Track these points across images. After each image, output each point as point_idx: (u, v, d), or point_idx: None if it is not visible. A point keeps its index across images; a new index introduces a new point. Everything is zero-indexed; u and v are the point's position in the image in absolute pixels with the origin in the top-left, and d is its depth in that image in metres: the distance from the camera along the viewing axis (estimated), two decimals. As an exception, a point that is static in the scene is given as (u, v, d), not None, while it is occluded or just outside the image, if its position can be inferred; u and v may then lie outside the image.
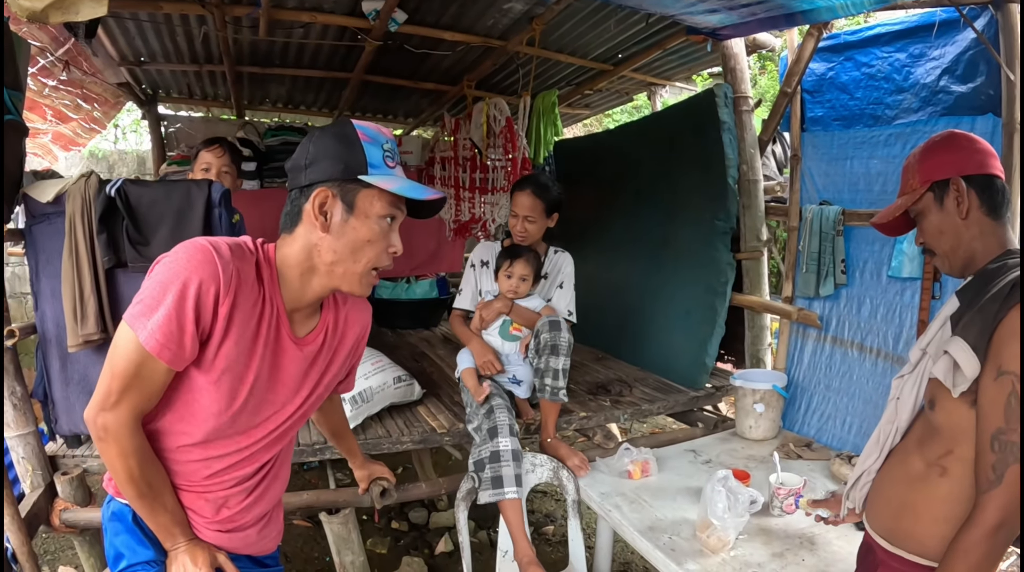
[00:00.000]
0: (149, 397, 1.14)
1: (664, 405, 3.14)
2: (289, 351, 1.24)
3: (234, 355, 1.15)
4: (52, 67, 3.55)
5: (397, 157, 1.22)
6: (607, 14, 3.39)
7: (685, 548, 1.97)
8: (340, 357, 1.38)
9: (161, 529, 1.24)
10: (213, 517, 1.29)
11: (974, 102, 2.38)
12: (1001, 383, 1.09)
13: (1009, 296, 1.11)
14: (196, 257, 1.09)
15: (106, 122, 4.90)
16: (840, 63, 2.89)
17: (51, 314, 2.54)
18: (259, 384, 1.22)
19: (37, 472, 2.44)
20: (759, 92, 7.28)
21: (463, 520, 2.36)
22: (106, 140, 7.76)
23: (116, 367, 1.11)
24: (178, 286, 1.06)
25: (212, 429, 1.20)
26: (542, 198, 2.65)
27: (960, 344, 1.16)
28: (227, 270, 1.10)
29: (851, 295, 2.82)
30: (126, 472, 1.15)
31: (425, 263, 5.06)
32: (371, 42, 3.62)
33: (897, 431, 1.36)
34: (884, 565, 1.31)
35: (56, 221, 2.49)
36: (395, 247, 1.20)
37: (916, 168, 1.35)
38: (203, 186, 2.50)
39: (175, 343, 1.08)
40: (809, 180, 2.99)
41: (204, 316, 1.09)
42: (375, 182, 1.14)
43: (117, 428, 1.12)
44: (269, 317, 1.19)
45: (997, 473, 1.08)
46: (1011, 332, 1.09)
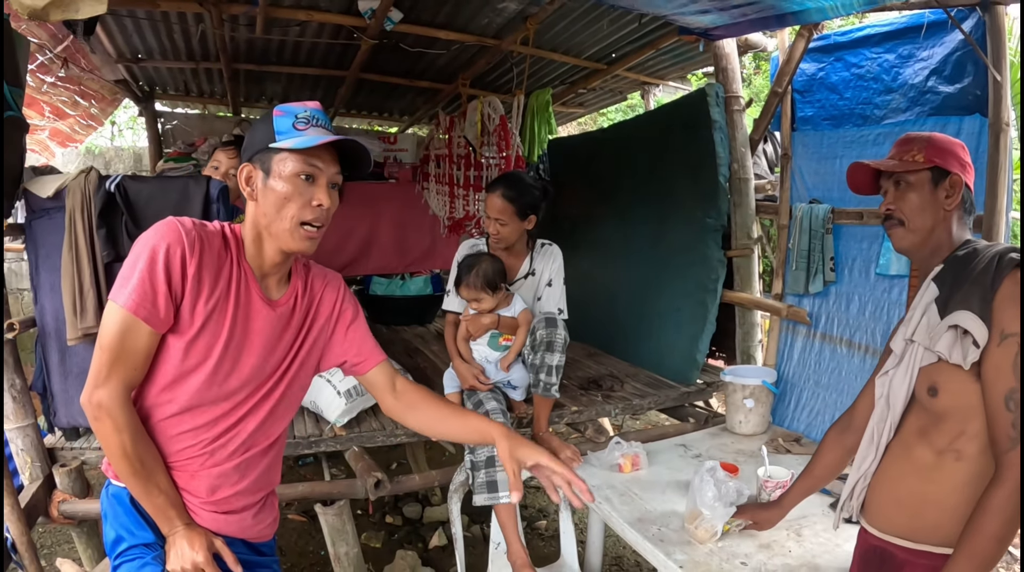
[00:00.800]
0: (136, 367, 1.22)
1: (655, 400, 3.18)
2: (262, 311, 1.33)
3: (208, 312, 1.25)
4: (50, 64, 3.57)
5: (317, 121, 1.28)
6: (600, 14, 3.43)
7: (673, 539, 2.01)
8: (319, 322, 1.45)
9: (157, 512, 1.27)
10: (207, 498, 1.32)
11: (961, 102, 2.42)
12: (1006, 345, 1.13)
13: (999, 266, 1.19)
14: (161, 228, 1.22)
15: (103, 119, 4.92)
16: (830, 63, 2.93)
17: (50, 308, 2.58)
18: (233, 341, 1.29)
19: (36, 464, 2.47)
20: (753, 92, 7.32)
21: (456, 511, 2.41)
22: (102, 137, 7.78)
23: (103, 341, 1.19)
24: (147, 253, 1.19)
25: (195, 392, 1.27)
26: (512, 201, 2.58)
27: (966, 314, 1.20)
28: (190, 235, 1.23)
29: (840, 292, 2.86)
30: (120, 448, 1.20)
31: (419, 260, 5.10)
32: (367, 40, 3.65)
33: (891, 427, 1.36)
34: (910, 565, 1.29)
35: (56, 216, 2.53)
36: (318, 200, 1.27)
37: (923, 144, 1.38)
38: (201, 182, 2.54)
39: (150, 302, 1.18)
40: (799, 179, 3.04)
41: (174, 276, 1.20)
42: (280, 145, 1.25)
43: (110, 402, 1.19)
44: (238, 279, 1.30)
45: (1017, 430, 1.10)
46: (1007, 296, 1.15)
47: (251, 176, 1.29)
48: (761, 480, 2.19)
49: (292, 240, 1.28)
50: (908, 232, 1.38)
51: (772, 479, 2.19)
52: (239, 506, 1.38)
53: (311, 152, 1.25)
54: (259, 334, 1.33)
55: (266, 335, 1.34)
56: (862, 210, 2.74)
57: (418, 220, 4.82)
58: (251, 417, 1.36)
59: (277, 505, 1.55)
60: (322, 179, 1.27)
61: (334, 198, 1.31)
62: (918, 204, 1.36)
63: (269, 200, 1.26)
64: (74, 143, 5.07)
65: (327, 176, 1.28)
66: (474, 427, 1.47)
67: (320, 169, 1.27)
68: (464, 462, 2.44)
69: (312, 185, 1.27)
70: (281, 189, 1.25)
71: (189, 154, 4.65)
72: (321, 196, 1.27)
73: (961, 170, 1.36)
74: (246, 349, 1.32)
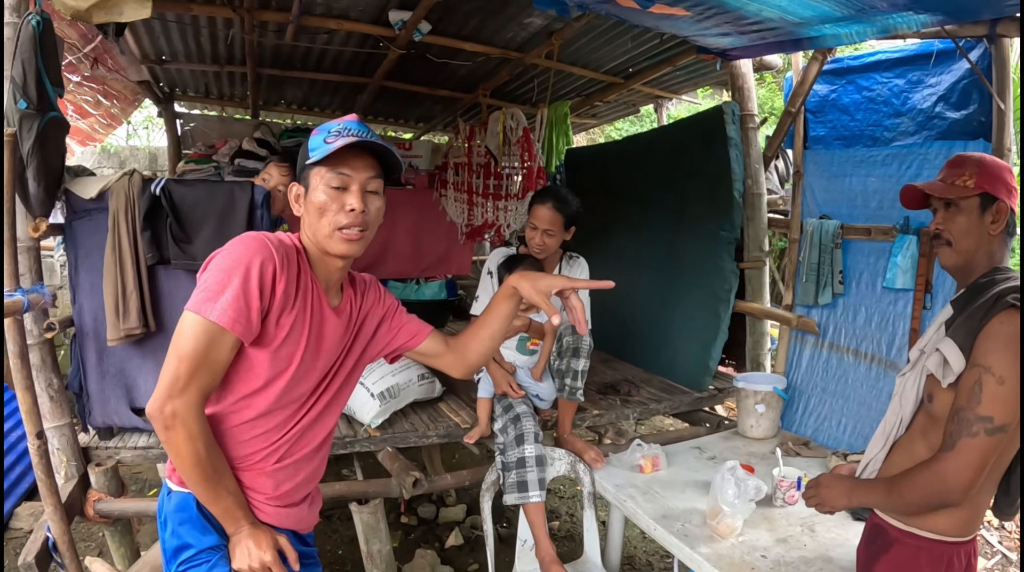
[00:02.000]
0: (215, 376, 1.26)
1: (670, 405, 3.31)
2: (330, 319, 1.41)
3: (291, 324, 1.32)
4: (79, 63, 3.64)
5: (349, 132, 1.33)
6: (623, 30, 3.55)
7: (697, 534, 2.13)
8: (369, 322, 1.55)
9: (225, 513, 1.32)
10: (273, 493, 1.38)
11: (967, 128, 2.56)
12: (970, 373, 1.33)
13: (992, 307, 1.34)
14: (253, 245, 1.28)
15: (123, 118, 5.00)
16: (842, 86, 3.07)
17: (89, 308, 2.62)
18: (310, 349, 1.37)
19: (71, 463, 2.51)
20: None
21: (487, 509, 2.51)
22: (117, 136, 7.83)
23: (183, 351, 1.21)
24: (242, 269, 1.24)
25: (275, 398, 1.34)
26: (562, 212, 2.67)
27: (950, 344, 1.39)
28: (279, 252, 1.29)
29: (847, 304, 3.00)
30: (194, 456, 1.24)
31: (434, 265, 5.19)
32: (394, 50, 3.76)
33: (901, 423, 1.53)
34: (899, 543, 1.47)
35: (97, 217, 2.58)
36: (350, 205, 1.32)
37: (975, 170, 1.47)
38: (246, 188, 2.62)
39: (244, 317, 1.23)
40: (810, 195, 3.17)
41: (265, 291, 1.26)
42: (311, 160, 1.33)
43: (186, 412, 1.22)
44: (312, 291, 1.37)
45: (952, 441, 1.32)
46: (987, 335, 1.32)
47: (298, 195, 1.39)
48: (776, 480, 2.32)
49: (334, 245, 1.34)
50: (954, 252, 1.49)
51: (787, 479, 2.32)
52: (298, 498, 1.47)
53: (340, 162, 1.32)
54: (328, 340, 1.42)
55: (334, 340, 1.44)
56: (870, 226, 2.88)
57: (434, 226, 4.91)
58: (312, 414, 1.44)
59: (321, 496, 1.63)
60: (354, 186, 1.33)
61: (371, 201, 1.36)
62: (965, 227, 1.46)
63: (311, 212, 1.34)
64: (93, 142, 5.13)
65: (359, 182, 1.33)
66: (501, 310, 1.54)
67: (349, 176, 1.32)
68: (495, 463, 2.55)
69: (344, 193, 1.33)
70: (317, 201, 1.32)
71: (209, 156, 4.74)
72: (352, 201, 1.32)
73: (1008, 196, 1.45)
74: (318, 354, 1.40)
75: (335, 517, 3.71)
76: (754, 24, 2.56)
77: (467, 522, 3.80)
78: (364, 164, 1.35)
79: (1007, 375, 1.28)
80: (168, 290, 2.66)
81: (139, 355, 2.67)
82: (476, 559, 3.42)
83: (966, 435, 1.30)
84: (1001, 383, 1.28)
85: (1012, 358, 1.28)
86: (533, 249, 2.73)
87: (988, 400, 1.29)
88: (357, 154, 1.34)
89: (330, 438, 1.56)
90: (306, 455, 1.45)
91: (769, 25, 2.55)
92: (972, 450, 1.29)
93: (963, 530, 1.42)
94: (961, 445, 1.31)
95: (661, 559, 3.44)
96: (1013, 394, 1.28)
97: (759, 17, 2.42)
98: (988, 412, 1.28)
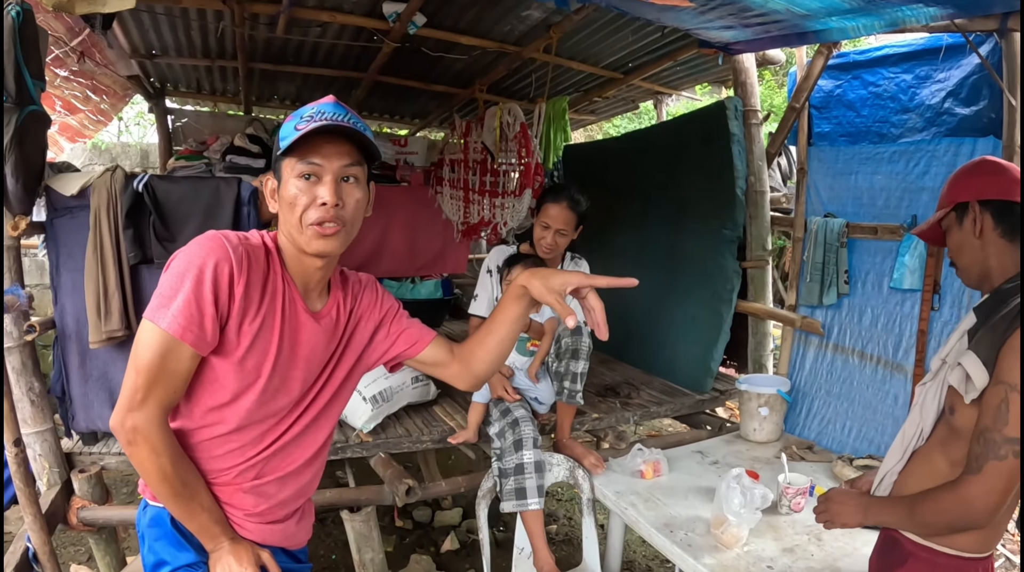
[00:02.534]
0: (175, 389, 1.17)
1: (671, 408, 3.23)
2: (307, 325, 1.28)
3: (255, 331, 1.20)
4: (65, 57, 3.54)
5: (321, 116, 1.19)
6: (623, 24, 3.47)
7: (701, 544, 2.06)
8: (361, 329, 1.41)
9: (201, 530, 1.24)
10: (253, 510, 1.30)
11: (976, 124, 2.50)
12: (995, 391, 1.25)
13: (1016, 318, 1.25)
14: (207, 244, 1.16)
15: (113, 114, 4.89)
16: (848, 81, 3.00)
17: (71, 309, 2.54)
18: (282, 358, 1.24)
19: (54, 469, 2.43)
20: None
21: (483, 517, 2.44)
22: (108, 132, 7.74)
23: (140, 362, 1.13)
24: (194, 272, 1.12)
25: (246, 412, 1.23)
26: (576, 211, 2.59)
27: (972, 358, 1.30)
28: (237, 252, 1.17)
29: (853, 304, 2.93)
30: (159, 472, 1.16)
31: (430, 264, 5.11)
32: (388, 43, 3.67)
33: (922, 434, 1.46)
34: (915, 557, 1.41)
35: (79, 215, 2.50)
36: (321, 198, 1.18)
37: (947, 189, 1.47)
38: (232, 184, 2.54)
39: (196, 325, 1.12)
40: (814, 193, 3.10)
41: (221, 297, 1.14)
42: (282, 148, 1.21)
43: (147, 426, 1.14)
44: (283, 293, 1.25)
45: (978, 463, 1.25)
46: (1012, 348, 1.24)
47: (273, 189, 1.26)
48: (782, 487, 2.25)
49: (308, 242, 1.21)
50: (961, 272, 1.46)
51: (792, 485, 2.25)
52: (283, 515, 1.36)
53: (310, 149, 1.18)
54: (305, 347, 1.29)
55: (311, 348, 1.30)
56: (876, 225, 2.81)
57: (429, 224, 4.83)
58: (296, 429, 1.33)
59: (313, 510, 1.54)
60: (326, 175, 1.19)
61: (348, 192, 1.22)
62: (956, 243, 1.45)
63: (283, 207, 1.22)
64: (83, 139, 5.03)
65: (331, 171, 1.19)
66: (510, 313, 1.36)
67: (320, 165, 1.18)
68: (492, 469, 2.47)
69: (316, 184, 1.19)
70: (288, 194, 1.20)
71: (201, 152, 4.64)
72: (324, 193, 1.18)
73: (977, 191, 1.40)
74: (293, 364, 1.28)
75: (328, 520, 3.63)
76: (759, 16, 2.49)
77: (463, 526, 3.72)
78: (337, 151, 1.20)
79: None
80: (152, 291, 2.50)
81: (122, 358, 2.58)
82: (473, 564, 3.34)
83: (993, 458, 1.23)
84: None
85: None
86: (542, 249, 2.62)
87: (1016, 420, 1.21)
88: (330, 140, 1.19)
89: (324, 452, 1.44)
90: (293, 471, 1.35)
91: (775, 17, 2.47)
92: (1000, 474, 1.22)
93: (982, 547, 1.36)
94: (988, 469, 1.23)
95: (661, 564, 3.37)
96: None
97: (765, 8, 2.34)
98: (1016, 433, 1.21)
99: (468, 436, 2.70)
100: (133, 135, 9.41)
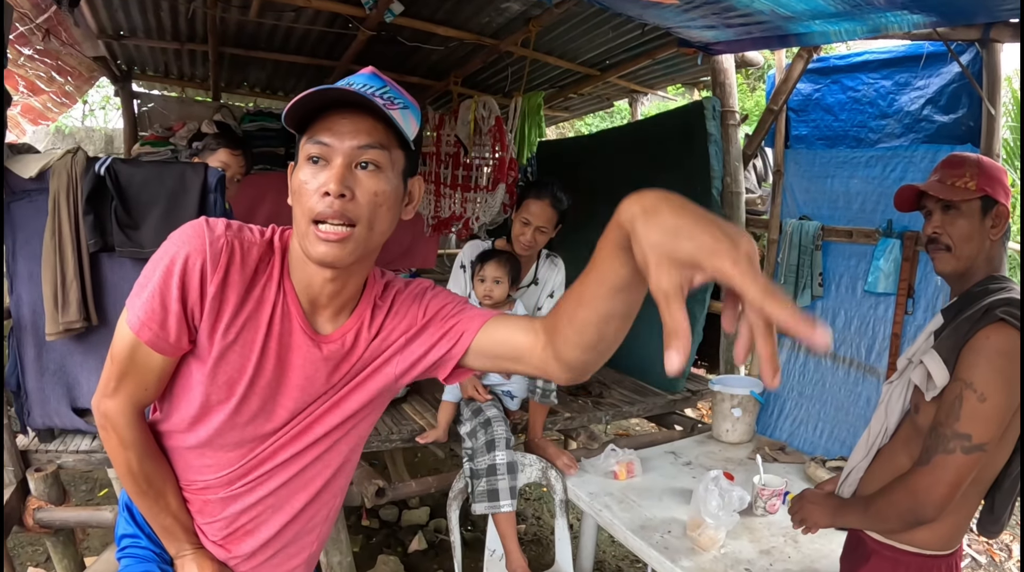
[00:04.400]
0: (145, 387, 1.05)
1: (643, 408, 3.22)
2: (302, 348, 1.05)
3: (229, 342, 1.01)
4: (30, 35, 3.39)
5: (350, 85, 0.96)
6: (603, 20, 3.45)
7: (678, 546, 2.04)
8: (393, 356, 1.11)
9: (165, 533, 1.15)
10: (218, 539, 1.16)
11: (955, 132, 2.53)
12: (952, 388, 1.28)
13: (980, 320, 1.27)
14: (186, 232, 0.98)
15: (77, 97, 4.71)
16: (827, 85, 3.02)
17: (28, 299, 2.43)
18: (261, 380, 1.04)
19: (9, 468, 2.31)
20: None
21: (455, 519, 2.39)
22: (72, 116, 7.44)
23: (113, 351, 1.03)
24: (166, 262, 0.97)
25: (216, 430, 1.07)
26: (558, 209, 2.55)
27: (934, 357, 1.33)
28: (215, 244, 0.97)
29: (827, 307, 2.95)
30: (126, 465, 1.10)
31: (399, 258, 5.03)
32: (364, 31, 3.59)
33: (886, 432, 1.48)
34: (877, 555, 1.43)
35: (37, 199, 2.38)
36: (325, 186, 0.93)
37: (975, 171, 1.39)
38: (199, 169, 2.43)
39: (156, 323, 0.97)
40: (790, 195, 3.12)
41: (190, 294, 0.97)
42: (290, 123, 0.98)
43: (116, 417, 1.06)
44: (275, 303, 1.03)
45: (927, 456, 1.28)
46: (971, 349, 1.26)
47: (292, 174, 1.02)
48: (757, 488, 2.25)
49: (307, 245, 0.96)
50: (953, 258, 1.39)
51: (768, 487, 2.25)
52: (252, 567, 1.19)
53: (322, 126, 0.94)
54: (296, 374, 1.06)
55: (305, 376, 1.07)
56: (852, 229, 2.83)
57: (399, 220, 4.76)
58: (287, 468, 1.12)
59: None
60: (336, 158, 0.93)
61: (364, 182, 0.95)
62: (967, 232, 1.37)
63: (291, 199, 1.00)
64: (46, 121, 4.83)
65: (342, 152, 0.93)
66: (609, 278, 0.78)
67: (328, 145, 0.93)
68: (463, 470, 2.42)
69: (324, 168, 0.94)
70: (294, 182, 0.98)
71: (167, 139, 4.50)
72: (326, 179, 0.92)
73: (1006, 199, 1.39)
74: (280, 393, 1.07)
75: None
76: (742, 16, 2.48)
77: (431, 525, 3.67)
78: (354, 128, 0.93)
79: (989, 392, 1.22)
80: (113, 280, 2.46)
81: (80, 351, 2.48)
82: (441, 564, 3.29)
83: (941, 451, 1.26)
84: (982, 401, 1.22)
85: (995, 375, 1.22)
86: (521, 245, 2.58)
87: (967, 417, 1.23)
88: (346, 114, 0.94)
89: (328, 506, 1.23)
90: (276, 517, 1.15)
91: (758, 18, 2.47)
92: (946, 467, 1.25)
93: (943, 544, 1.38)
94: (936, 461, 1.26)
95: (631, 564, 3.36)
96: (995, 413, 1.22)
97: (750, 9, 2.33)
98: (967, 429, 1.23)
99: (438, 435, 2.65)
100: (98, 119, 9.11)
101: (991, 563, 3.41)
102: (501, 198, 3.88)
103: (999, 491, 1.37)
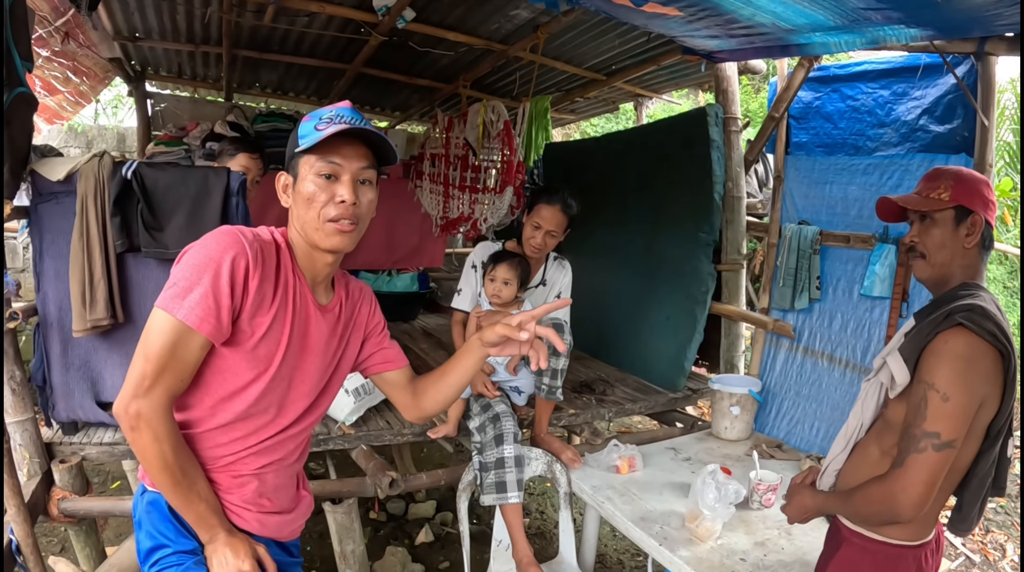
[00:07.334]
0: (183, 378, 1.21)
1: (645, 405, 3.32)
2: (315, 318, 1.36)
3: (269, 322, 1.26)
4: (49, 37, 3.50)
5: (341, 119, 1.26)
6: (609, 27, 3.53)
7: (676, 537, 2.14)
8: (358, 329, 1.50)
9: (198, 520, 1.26)
10: (253, 499, 1.34)
11: (949, 142, 2.61)
12: (916, 389, 1.36)
13: (941, 324, 1.36)
14: (225, 239, 1.22)
15: (92, 96, 4.81)
16: (827, 94, 3.10)
17: (54, 296, 2.50)
18: (292, 350, 1.31)
19: (35, 460, 2.39)
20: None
21: (464, 509, 2.49)
22: (84, 115, 7.52)
23: (150, 349, 1.17)
24: (213, 266, 1.18)
25: (254, 400, 1.28)
26: (568, 214, 2.63)
27: (896, 357, 1.42)
28: (253, 247, 1.23)
29: (824, 309, 3.04)
30: (160, 459, 1.19)
31: (407, 257, 5.12)
32: (376, 36, 3.68)
33: (862, 427, 1.58)
34: (848, 542, 1.53)
35: (64, 201, 2.46)
36: (340, 196, 1.26)
37: (951, 183, 1.47)
38: (222, 174, 2.52)
39: (214, 316, 1.18)
40: (790, 200, 3.20)
41: (237, 290, 1.20)
42: (300, 147, 1.28)
43: (151, 413, 1.17)
44: (295, 287, 1.32)
45: (901, 458, 1.36)
46: (931, 351, 1.35)
47: (286, 184, 1.33)
48: (753, 483, 2.34)
49: (324, 238, 1.28)
50: (928, 265, 1.49)
51: (763, 482, 2.34)
52: (281, 507, 1.41)
53: (330, 150, 1.26)
54: (315, 339, 1.36)
55: (321, 340, 1.38)
56: (849, 234, 2.92)
57: (407, 217, 4.84)
58: (296, 419, 1.38)
59: (309, 503, 1.56)
60: (345, 175, 1.26)
61: (363, 193, 1.30)
62: (939, 240, 1.47)
63: (299, 203, 1.28)
64: (61, 120, 4.94)
65: (350, 172, 1.27)
66: (466, 364, 1.45)
67: (340, 165, 1.26)
68: (472, 463, 2.53)
69: (335, 183, 1.26)
70: (306, 191, 1.26)
71: (180, 138, 4.59)
72: (343, 192, 1.25)
73: (984, 209, 1.46)
74: (301, 358, 1.35)
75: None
76: (744, 28, 2.56)
77: (437, 519, 3.77)
78: (356, 153, 1.28)
79: (951, 392, 1.31)
80: (138, 280, 2.55)
81: (105, 347, 2.56)
82: (447, 556, 3.40)
83: (914, 451, 1.33)
84: (946, 400, 1.31)
85: (956, 376, 1.31)
86: (531, 248, 2.68)
87: (933, 416, 1.32)
88: (349, 142, 1.27)
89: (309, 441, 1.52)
90: (291, 461, 1.42)
91: (760, 30, 2.55)
92: (920, 466, 1.32)
93: (911, 535, 1.46)
94: (909, 462, 1.33)
95: (632, 557, 3.47)
96: (959, 410, 1.30)
97: (751, 21, 2.41)
98: (934, 428, 1.31)
99: (448, 430, 2.75)
100: (110, 118, 9.21)
101: (985, 562, 3.49)
102: (509, 200, 3.97)
103: (966, 491, 1.46)
